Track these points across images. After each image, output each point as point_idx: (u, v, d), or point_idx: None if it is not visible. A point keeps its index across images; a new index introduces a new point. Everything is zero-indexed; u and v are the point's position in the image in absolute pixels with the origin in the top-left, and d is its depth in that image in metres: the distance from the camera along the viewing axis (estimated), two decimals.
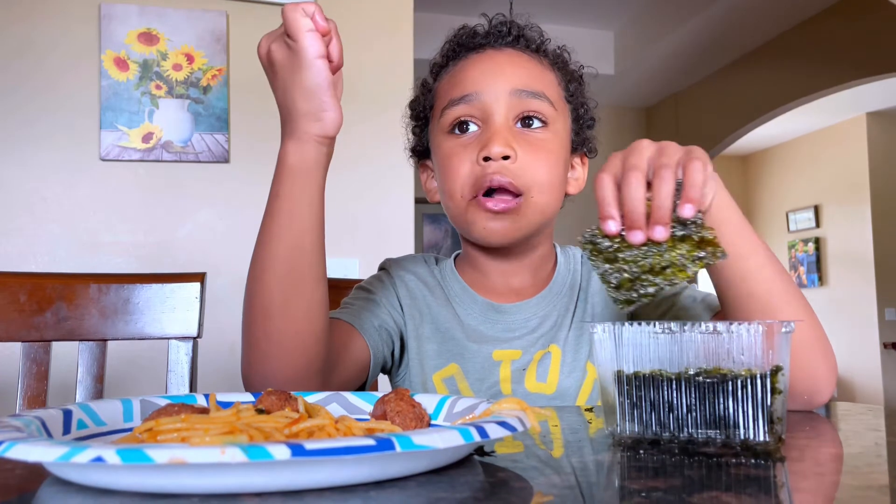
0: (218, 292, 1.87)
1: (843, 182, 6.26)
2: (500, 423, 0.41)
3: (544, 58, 0.89)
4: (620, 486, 0.41)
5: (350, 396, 0.59)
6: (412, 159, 0.98)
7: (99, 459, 0.33)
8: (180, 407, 0.48)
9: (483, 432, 0.39)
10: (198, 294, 1.04)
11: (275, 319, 0.67)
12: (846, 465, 0.46)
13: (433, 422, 0.54)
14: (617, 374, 0.51)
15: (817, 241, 6.54)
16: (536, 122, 0.83)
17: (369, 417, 0.54)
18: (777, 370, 0.47)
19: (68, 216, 1.91)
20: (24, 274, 1.01)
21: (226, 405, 0.52)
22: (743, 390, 0.47)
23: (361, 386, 0.84)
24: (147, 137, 1.94)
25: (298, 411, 0.48)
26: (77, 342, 1.00)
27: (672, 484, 0.39)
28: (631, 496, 0.37)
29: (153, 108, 1.95)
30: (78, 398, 0.98)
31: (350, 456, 0.35)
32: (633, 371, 0.50)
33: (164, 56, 1.97)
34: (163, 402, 0.53)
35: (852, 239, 6.20)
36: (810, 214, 6.60)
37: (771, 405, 0.47)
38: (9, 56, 1.91)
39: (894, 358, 5.86)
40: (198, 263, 1.92)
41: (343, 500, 0.35)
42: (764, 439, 0.46)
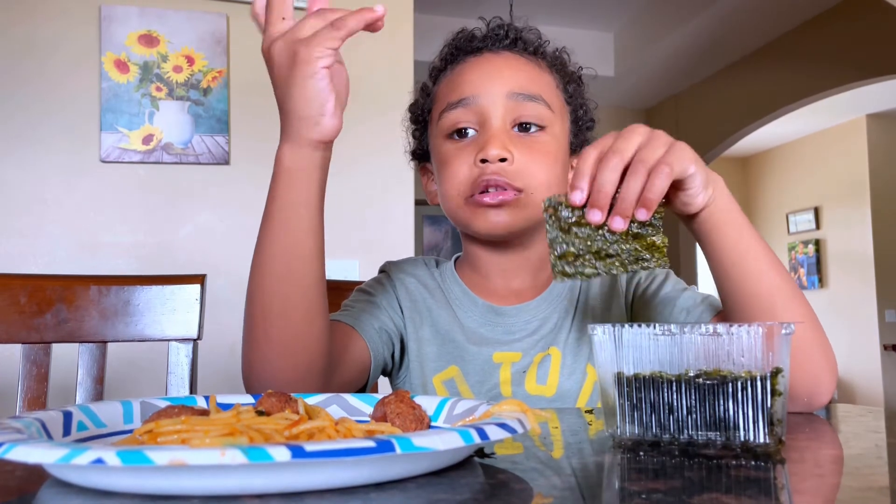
0: (218, 294, 1.87)
1: (844, 184, 6.26)
2: (500, 425, 0.41)
3: (542, 60, 0.89)
4: (620, 488, 0.41)
5: (350, 398, 0.59)
6: (413, 162, 0.99)
7: (99, 461, 0.33)
8: (180, 409, 0.48)
9: (483, 434, 0.39)
10: (198, 296, 1.04)
11: (275, 322, 0.67)
12: (846, 467, 0.46)
13: (433, 423, 0.54)
14: (617, 376, 0.51)
15: (817, 243, 6.54)
16: (533, 128, 0.83)
17: (369, 419, 0.54)
18: (777, 372, 0.47)
19: (68, 218, 1.91)
20: (25, 275, 1.01)
21: (226, 407, 0.52)
22: (743, 392, 0.47)
23: (362, 388, 0.84)
24: (147, 139, 1.95)
25: (298, 413, 0.48)
26: (77, 344, 1.00)
27: (672, 486, 0.39)
28: (631, 498, 0.37)
29: (153, 110, 1.95)
30: (78, 400, 0.98)
31: (350, 458, 0.35)
32: (633, 373, 0.50)
33: (165, 58, 1.97)
34: (163, 404, 0.53)
35: (852, 241, 6.20)
36: (810, 216, 6.60)
37: (771, 407, 0.47)
38: (9, 58, 1.91)
39: (894, 360, 5.86)
40: (198, 265, 1.92)
41: (343, 502, 0.35)
42: (764, 441, 0.46)
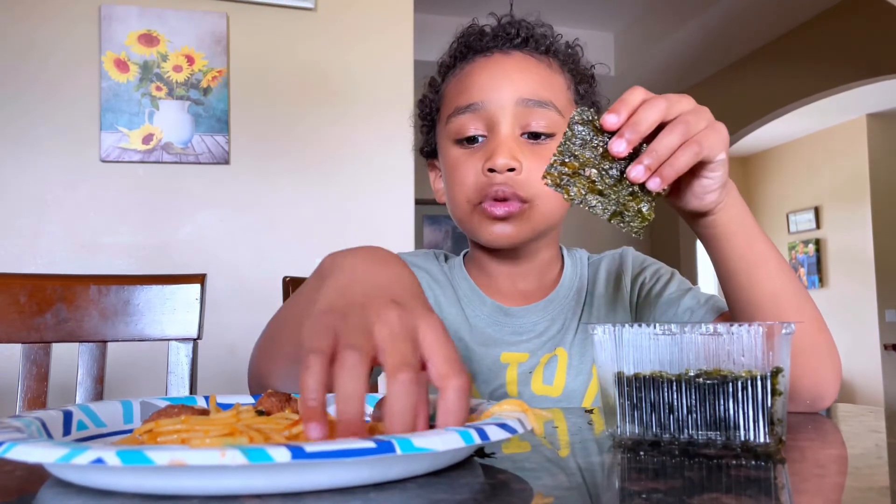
0: (218, 294, 1.87)
1: (844, 183, 6.26)
2: (501, 425, 0.41)
3: (554, 59, 0.87)
4: (621, 488, 0.41)
5: None
6: (423, 159, 0.97)
7: (99, 461, 0.33)
8: (180, 408, 0.48)
9: (483, 434, 0.39)
10: (198, 295, 1.04)
11: (278, 383, 0.66)
12: (847, 467, 0.46)
13: (433, 423, 0.54)
14: (617, 376, 0.51)
15: (817, 243, 6.54)
16: (542, 136, 0.82)
17: (370, 419, 0.54)
18: (777, 371, 0.47)
19: (68, 217, 1.91)
20: (25, 275, 1.01)
21: (226, 407, 0.52)
22: (743, 392, 0.47)
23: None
24: (147, 139, 1.94)
25: (298, 412, 0.48)
26: (77, 343, 1.00)
27: (672, 485, 0.39)
28: (631, 498, 0.37)
29: (153, 110, 1.95)
30: (78, 399, 0.98)
31: (350, 458, 0.35)
32: (634, 372, 0.50)
33: (165, 57, 1.97)
34: (163, 404, 0.53)
35: (852, 240, 6.20)
36: (810, 216, 6.60)
37: (771, 407, 0.46)
38: (9, 58, 1.91)
39: (894, 359, 5.86)
40: (198, 265, 1.92)
41: (343, 502, 0.35)
42: (764, 441, 0.46)
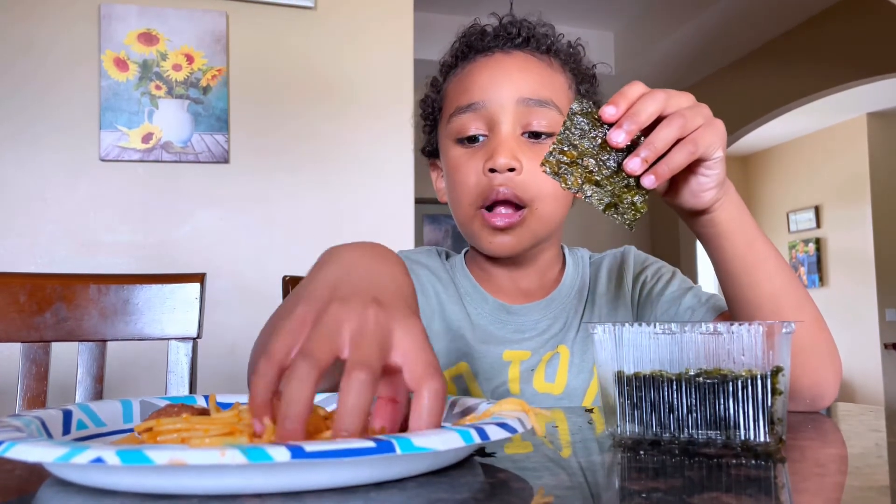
0: (218, 293, 1.87)
1: (844, 182, 6.26)
2: (501, 425, 0.41)
3: (555, 58, 0.87)
4: (621, 487, 0.41)
5: None
6: (424, 158, 0.97)
7: (99, 460, 0.33)
8: (180, 408, 0.48)
9: (483, 434, 0.39)
10: (197, 294, 1.03)
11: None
12: (847, 466, 0.46)
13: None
14: (617, 375, 0.51)
15: (818, 242, 6.54)
16: (543, 136, 0.82)
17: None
18: (777, 371, 0.47)
19: (68, 216, 1.91)
20: (24, 274, 1.01)
21: (226, 406, 0.52)
22: (743, 391, 0.47)
23: None
24: (147, 138, 1.94)
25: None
26: (77, 343, 0.99)
27: (672, 485, 0.39)
28: (631, 497, 0.37)
29: (153, 109, 1.95)
30: (77, 399, 0.98)
31: (350, 458, 0.35)
32: (634, 372, 0.50)
33: (164, 56, 1.97)
34: (162, 403, 0.53)
35: (853, 239, 6.20)
36: (811, 215, 6.60)
37: (771, 406, 0.46)
38: (9, 56, 1.91)
39: (895, 358, 5.86)
40: (197, 264, 1.92)
41: (343, 502, 0.35)
42: (764, 440, 0.46)
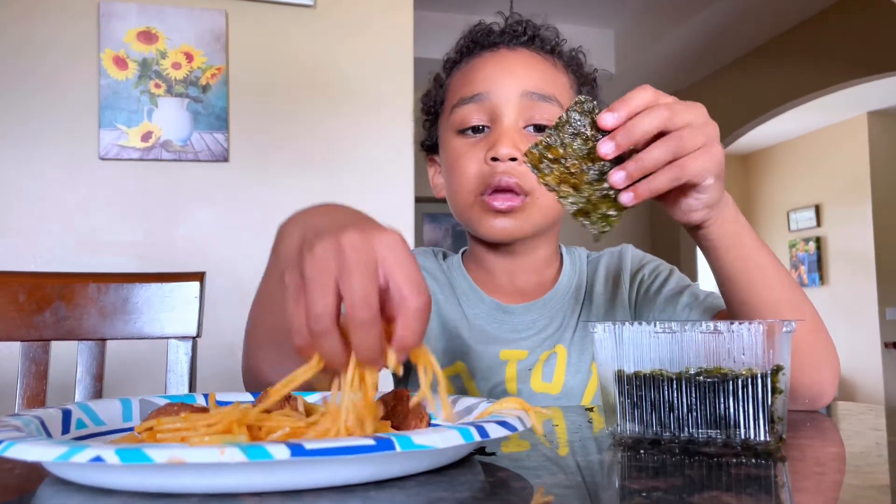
0: (217, 292, 1.87)
1: (844, 181, 6.26)
2: (500, 423, 0.41)
3: (559, 59, 0.88)
4: (621, 486, 0.41)
5: None
6: (423, 156, 0.97)
7: (98, 459, 0.33)
8: (179, 406, 0.48)
9: (483, 432, 0.39)
10: (197, 293, 1.03)
11: (269, 371, 0.63)
12: (847, 465, 0.46)
13: (433, 421, 0.54)
14: (617, 374, 0.50)
15: (818, 241, 6.54)
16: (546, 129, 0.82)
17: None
18: (778, 370, 0.47)
19: (67, 215, 1.91)
20: (24, 273, 1.01)
21: (225, 405, 0.52)
22: (744, 390, 0.47)
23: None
24: (146, 136, 1.94)
25: (298, 410, 0.48)
26: (76, 342, 0.99)
27: (672, 484, 0.39)
28: (631, 496, 0.37)
29: (152, 107, 1.95)
30: (77, 398, 0.98)
31: (349, 456, 0.35)
32: (634, 371, 0.50)
33: (164, 55, 1.97)
34: (162, 402, 0.53)
35: (853, 238, 6.19)
36: (811, 214, 6.60)
37: (772, 405, 0.46)
38: (8, 55, 1.90)
39: (895, 357, 5.86)
40: (197, 263, 1.92)
41: (342, 500, 0.35)
42: (765, 439, 0.46)
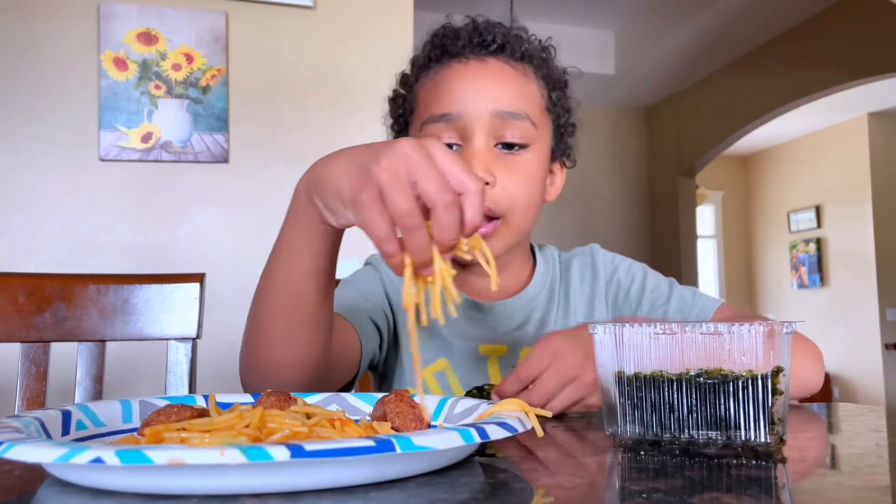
0: (217, 293, 1.87)
1: (845, 182, 6.26)
2: (501, 424, 0.41)
3: (529, 66, 0.86)
4: (621, 488, 0.41)
5: (349, 397, 0.59)
6: None
7: (98, 460, 0.33)
8: (179, 408, 0.47)
9: (483, 433, 0.39)
10: (197, 294, 1.03)
11: (276, 347, 0.65)
12: (847, 466, 0.46)
13: (433, 423, 0.54)
14: (618, 375, 0.50)
15: (818, 242, 6.54)
16: (516, 147, 0.82)
17: (369, 419, 0.53)
18: (778, 371, 0.47)
19: (67, 216, 1.91)
20: (23, 274, 1.01)
21: (225, 406, 0.52)
22: (744, 391, 0.47)
23: (350, 381, 0.83)
24: (146, 137, 1.94)
25: (299, 411, 0.48)
26: (76, 343, 0.99)
27: (673, 485, 0.39)
28: (632, 497, 0.37)
29: (152, 108, 1.95)
30: (77, 399, 0.98)
31: (350, 457, 0.34)
32: (634, 372, 0.50)
33: (164, 56, 1.97)
34: (162, 403, 0.53)
35: (854, 239, 6.19)
36: (811, 215, 6.60)
37: (772, 406, 0.46)
38: (8, 56, 1.90)
39: (895, 358, 5.86)
40: (197, 264, 1.92)
41: (342, 501, 0.35)
42: (765, 440, 0.46)
